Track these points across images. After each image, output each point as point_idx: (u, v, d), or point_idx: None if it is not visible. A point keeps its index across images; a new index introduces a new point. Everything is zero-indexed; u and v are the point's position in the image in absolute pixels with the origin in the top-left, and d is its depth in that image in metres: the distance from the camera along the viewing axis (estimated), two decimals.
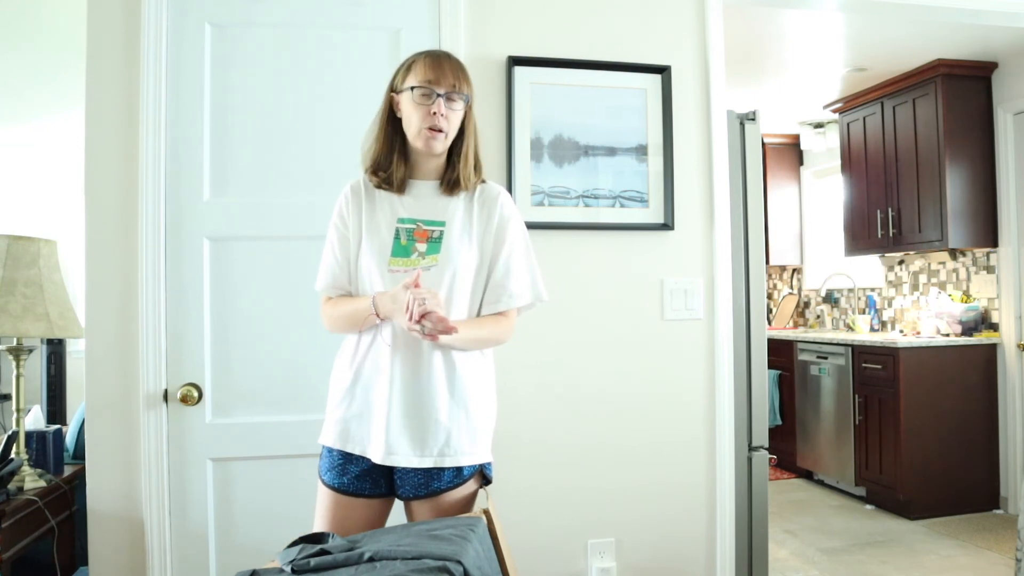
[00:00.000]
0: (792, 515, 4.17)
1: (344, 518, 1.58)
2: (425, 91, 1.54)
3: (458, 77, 1.57)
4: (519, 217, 1.68)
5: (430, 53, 1.60)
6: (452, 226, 1.59)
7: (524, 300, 1.64)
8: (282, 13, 2.18)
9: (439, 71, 1.55)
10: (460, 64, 1.60)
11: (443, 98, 1.54)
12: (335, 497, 1.59)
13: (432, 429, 1.54)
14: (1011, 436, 4.06)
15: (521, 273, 1.64)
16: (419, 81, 1.55)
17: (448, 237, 1.58)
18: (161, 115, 2.09)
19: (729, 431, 2.40)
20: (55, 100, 4.46)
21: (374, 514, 1.61)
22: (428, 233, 1.58)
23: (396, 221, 1.60)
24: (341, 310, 1.60)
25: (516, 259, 1.64)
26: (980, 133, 4.17)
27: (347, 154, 2.02)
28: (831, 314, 5.58)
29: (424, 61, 1.57)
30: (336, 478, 1.59)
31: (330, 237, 1.66)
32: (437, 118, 1.54)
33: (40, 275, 2.25)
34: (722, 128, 2.43)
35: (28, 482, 2.21)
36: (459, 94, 1.56)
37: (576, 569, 2.31)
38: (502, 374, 2.24)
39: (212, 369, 2.13)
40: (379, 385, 1.55)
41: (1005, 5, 2.75)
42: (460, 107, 1.58)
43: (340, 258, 1.63)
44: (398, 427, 1.54)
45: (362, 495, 1.58)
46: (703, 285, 2.40)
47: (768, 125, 5.45)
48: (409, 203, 1.61)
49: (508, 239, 1.63)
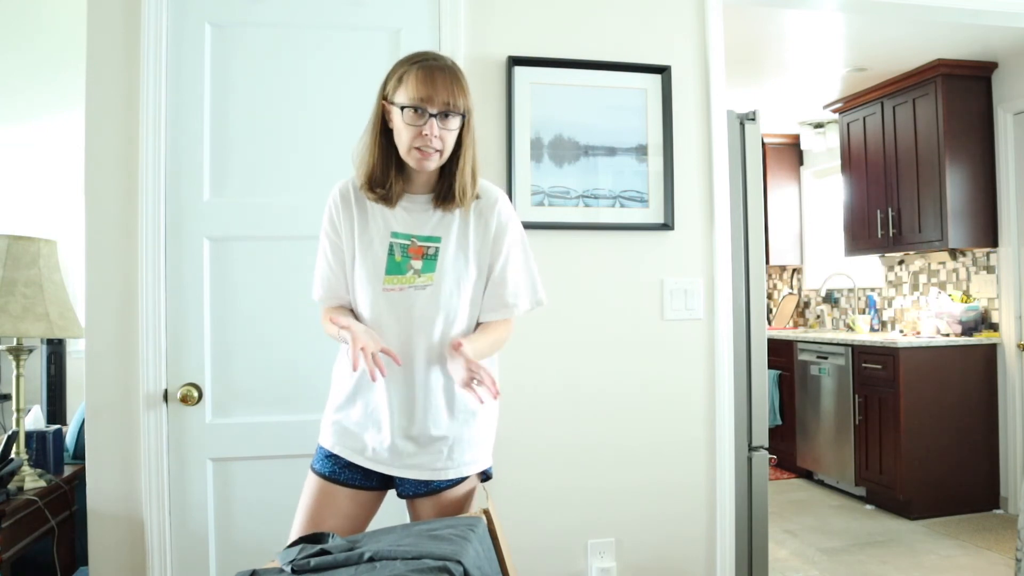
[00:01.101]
0: (792, 515, 4.17)
1: (331, 507, 1.54)
2: (416, 111, 1.43)
3: (452, 92, 1.44)
4: (517, 220, 1.63)
5: (423, 64, 1.46)
6: (448, 243, 1.53)
7: (523, 308, 1.62)
8: (282, 13, 2.18)
9: (431, 88, 1.43)
10: (455, 74, 1.47)
11: (436, 118, 1.44)
12: (323, 484, 1.56)
13: (435, 446, 1.54)
14: (1011, 436, 4.06)
15: (520, 280, 1.61)
16: (410, 100, 1.43)
17: (444, 254, 1.53)
18: (161, 115, 2.09)
19: (729, 431, 2.40)
20: (55, 100, 4.46)
21: (360, 507, 1.57)
22: (423, 250, 1.52)
23: (390, 236, 1.53)
24: (329, 331, 1.54)
25: (514, 266, 1.59)
26: (980, 133, 4.17)
27: (347, 154, 2.01)
28: (831, 314, 5.58)
29: (416, 75, 1.44)
30: (327, 466, 1.57)
31: (322, 246, 1.60)
32: (429, 139, 1.44)
33: (40, 275, 2.25)
34: (722, 128, 2.43)
35: (28, 482, 2.21)
36: (454, 112, 1.46)
37: (576, 569, 2.31)
38: (501, 374, 2.24)
39: (212, 369, 2.13)
40: (379, 398, 1.54)
41: (1005, 5, 2.75)
42: (455, 124, 1.48)
43: (335, 267, 1.59)
44: (399, 442, 1.53)
45: (351, 485, 1.56)
46: (703, 285, 2.40)
47: (768, 125, 5.45)
48: (402, 216, 1.54)
49: (506, 247, 1.58)
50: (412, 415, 1.53)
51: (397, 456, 1.54)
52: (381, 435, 1.54)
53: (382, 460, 1.54)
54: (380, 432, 1.54)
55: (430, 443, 1.54)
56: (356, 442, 1.56)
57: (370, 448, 1.55)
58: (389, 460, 1.54)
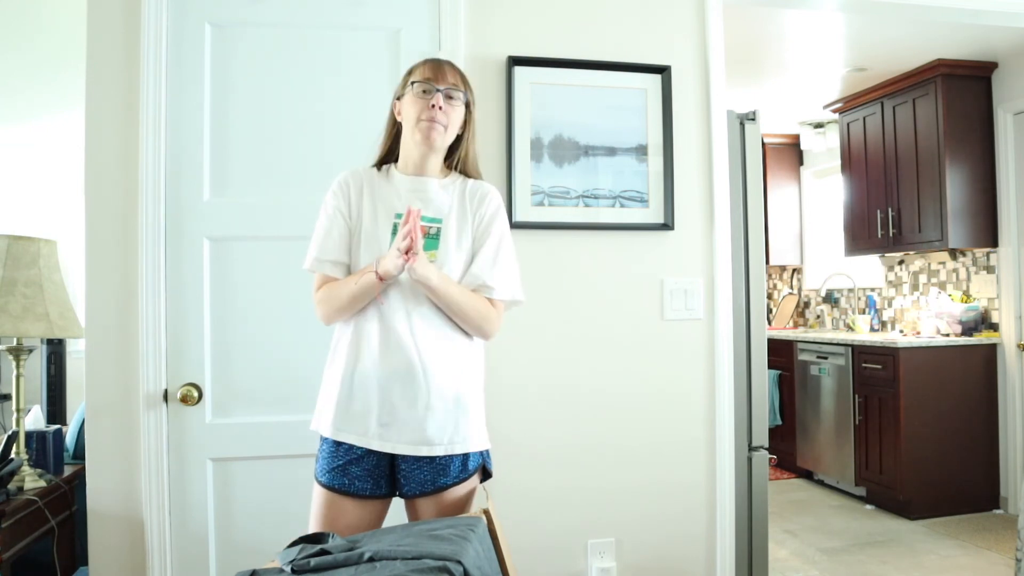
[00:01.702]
0: (792, 515, 4.17)
1: (340, 519, 1.58)
2: (425, 86, 1.61)
3: (457, 78, 1.65)
4: (505, 216, 1.71)
5: (430, 59, 1.68)
6: (448, 223, 1.63)
7: (506, 295, 1.65)
8: (282, 13, 2.18)
9: (438, 71, 1.63)
10: (459, 70, 1.68)
11: (442, 93, 1.61)
12: (331, 497, 1.59)
13: (438, 419, 1.55)
14: (1011, 436, 4.06)
15: (507, 268, 1.66)
16: (419, 78, 1.63)
17: (446, 235, 1.62)
18: (161, 115, 2.09)
19: (729, 431, 2.40)
20: (55, 100, 4.46)
21: (371, 515, 1.61)
22: (426, 229, 1.59)
23: (394, 216, 1.62)
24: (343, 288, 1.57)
25: (503, 253, 1.66)
26: (980, 133, 4.17)
27: (347, 154, 2.02)
28: (831, 314, 5.59)
29: (425, 64, 1.66)
30: (335, 479, 1.58)
31: (325, 213, 1.66)
32: (435, 111, 1.60)
33: (40, 275, 2.25)
34: (722, 128, 2.43)
35: (28, 482, 2.21)
36: (458, 91, 1.64)
37: (576, 569, 2.31)
38: (502, 374, 2.24)
39: (212, 369, 2.13)
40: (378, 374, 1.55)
41: (1005, 5, 2.75)
42: (459, 105, 1.65)
43: (335, 232, 1.62)
44: (403, 415, 1.55)
45: (360, 496, 1.58)
46: (703, 285, 2.41)
47: (768, 125, 5.45)
48: (407, 198, 1.63)
49: (495, 231, 1.66)
50: (414, 387, 1.54)
51: (399, 430, 1.55)
52: (382, 411, 1.55)
53: (386, 437, 1.55)
54: (381, 408, 1.55)
55: (434, 414, 1.55)
56: (357, 423, 1.56)
57: (372, 426, 1.55)
58: (396, 436, 1.55)
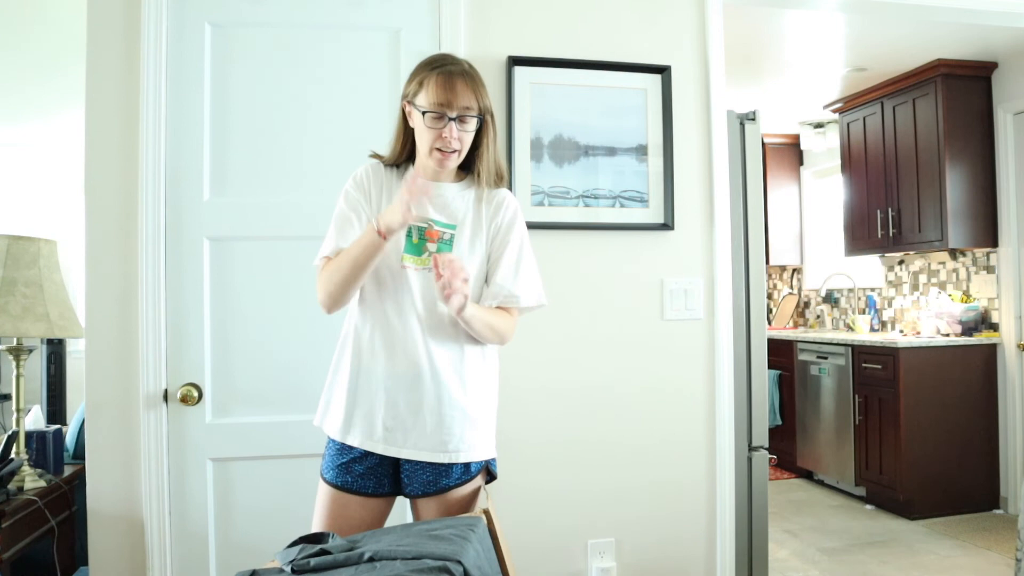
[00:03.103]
0: (792, 515, 4.17)
1: (344, 516, 1.58)
2: (436, 115, 1.52)
3: (470, 96, 1.53)
4: (523, 221, 1.68)
5: (442, 69, 1.53)
6: (463, 230, 1.60)
7: (531, 301, 1.64)
8: (282, 13, 2.18)
9: (451, 92, 1.51)
10: (473, 77, 1.56)
11: (455, 121, 1.52)
12: (336, 495, 1.59)
13: (445, 424, 1.55)
14: (1011, 436, 4.06)
15: (530, 275, 1.65)
16: (430, 105, 1.51)
17: (459, 241, 1.59)
18: (161, 115, 2.09)
19: (729, 431, 2.40)
20: (55, 100, 4.46)
21: (374, 513, 1.61)
22: (439, 234, 1.57)
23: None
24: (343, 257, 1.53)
25: (526, 260, 1.64)
26: (980, 133, 4.17)
27: (347, 153, 2.02)
28: (831, 314, 5.58)
29: (436, 80, 1.52)
30: (339, 476, 1.58)
31: (346, 203, 1.61)
32: (449, 141, 1.53)
33: (40, 275, 2.25)
34: (722, 128, 2.43)
35: (28, 482, 2.21)
36: (472, 115, 1.54)
37: (576, 569, 2.31)
38: (501, 373, 2.24)
39: (212, 369, 2.13)
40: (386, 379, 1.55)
41: (1005, 5, 2.75)
42: (473, 125, 1.56)
43: (355, 222, 1.59)
44: (409, 420, 1.54)
45: (364, 494, 1.58)
46: (703, 285, 2.41)
47: (768, 125, 5.45)
48: (422, 201, 1.57)
49: (514, 238, 1.63)
50: (420, 392, 1.54)
51: (404, 435, 1.55)
52: (387, 414, 1.55)
53: (391, 440, 1.55)
54: (387, 412, 1.55)
55: (440, 421, 1.55)
56: (362, 426, 1.56)
57: (378, 429, 1.55)
58: (400, 441, 1.55)
